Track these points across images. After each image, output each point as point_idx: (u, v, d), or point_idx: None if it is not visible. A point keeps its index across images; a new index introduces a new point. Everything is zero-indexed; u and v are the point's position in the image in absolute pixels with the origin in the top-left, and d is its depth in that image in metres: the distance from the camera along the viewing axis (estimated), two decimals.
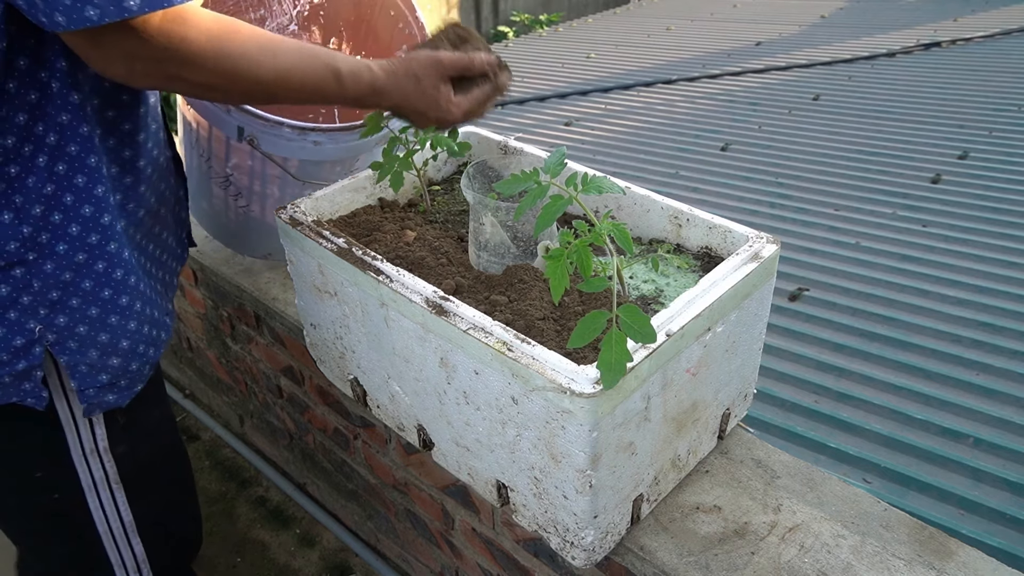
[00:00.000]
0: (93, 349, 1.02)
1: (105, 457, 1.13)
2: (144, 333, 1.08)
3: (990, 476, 1.52)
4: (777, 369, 1.86)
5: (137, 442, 1.17)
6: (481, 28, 9.29)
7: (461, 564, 1.53)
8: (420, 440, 1.14)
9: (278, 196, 1.50)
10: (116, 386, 1.07)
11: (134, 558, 1.25)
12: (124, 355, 1.06)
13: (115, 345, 1.04)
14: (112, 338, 1.03)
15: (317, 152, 1.36)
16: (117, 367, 1.05)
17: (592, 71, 4.61)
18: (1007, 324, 1.92)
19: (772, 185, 2.82)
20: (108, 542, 1.21)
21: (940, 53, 4.26)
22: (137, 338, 1.06)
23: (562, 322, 0.97)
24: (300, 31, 1.68)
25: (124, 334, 1.04)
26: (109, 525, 1.19)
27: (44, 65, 0.90)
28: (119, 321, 1.03)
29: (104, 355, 1.03)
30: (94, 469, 1.13)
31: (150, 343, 1.10)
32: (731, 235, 1.09)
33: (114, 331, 1.03)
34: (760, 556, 1.01)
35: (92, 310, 1.00)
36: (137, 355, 1.08)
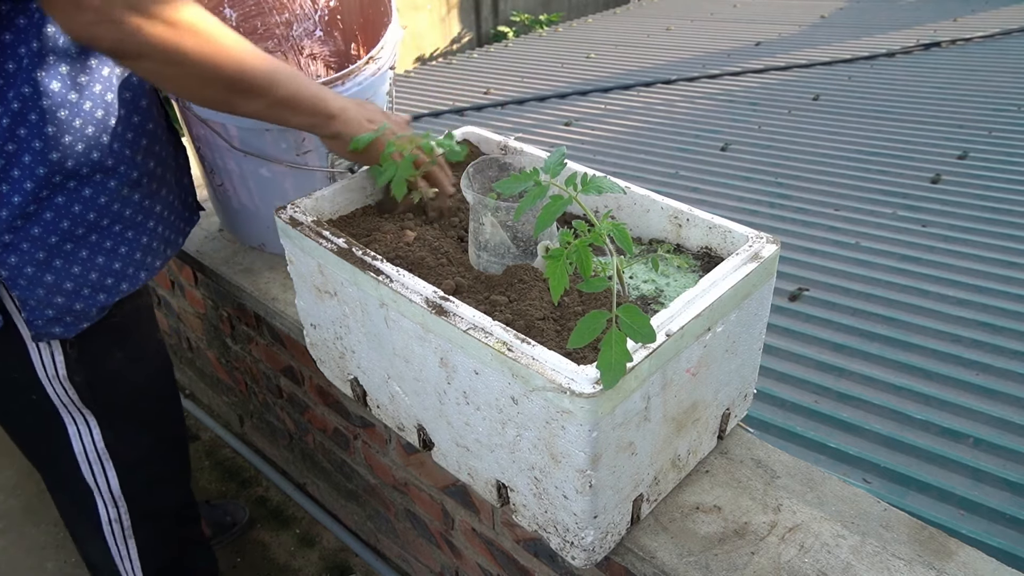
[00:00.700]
0: (40, 288, 1.12)
1: (66, 384, 1.23)
2: (91, 279, 1.17)
3: (990, 476, 1.52)
4: (777, 369, 1.86)
5: (97, 376, 1.26)
6: (481, 28, 9.29)
7: (461, 564, 1.53)
8: (420, 440, 1.14)
9: (239, 172, 1.48)
10: (62, 321, 1.17)
11: (110, 490, 1.35)
12: (67, 295, 1.15)
13: (59, 286, 1.14)
14: (56, 280, 1.13)
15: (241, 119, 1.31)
16: (61, 305, 1.15)
17: (592, 71, 4.61)
18: (1007, 324, 1.92)
19: (772, 185, 2.82)
20: (84, 463, 1.32)
21: (940, 53, 4.26)
22: (81, 282, 1.16)
23: (562, 322, 0.97)
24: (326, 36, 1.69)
25: (68, 277, 1.14)
26: (83, 444, 1.30)
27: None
28: (63, 265, 1.13)
29: (49, 294, 1.13)
30: (59, 392, 1.23)
31: (98, 289, 1.18)
32: (731, 235, 1.09)
33: (58, 273, 1.13)
34: (760, 556, 1.01)
35: (39, 254, 1.10)
36: (81, 297, 1.17)
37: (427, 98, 4.36)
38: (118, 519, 1.39)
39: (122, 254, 1.20)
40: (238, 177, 1.49)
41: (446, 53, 8.87)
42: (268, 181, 1.47)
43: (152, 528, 1.45)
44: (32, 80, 1.01)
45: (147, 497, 1.42)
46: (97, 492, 1.35)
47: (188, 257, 1.77)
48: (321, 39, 1.69)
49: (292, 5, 1.64)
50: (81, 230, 1.13)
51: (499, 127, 3.62)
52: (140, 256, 1.23)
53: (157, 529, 1.47)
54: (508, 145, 1.34)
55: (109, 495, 1.36)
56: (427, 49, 8.75)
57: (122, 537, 1.41)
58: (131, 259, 1.22)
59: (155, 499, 1.45)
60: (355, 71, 1.36)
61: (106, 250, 1.18)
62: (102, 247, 1.17)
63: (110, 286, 1.20)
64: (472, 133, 1.38)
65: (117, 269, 1.20)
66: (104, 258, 1.18)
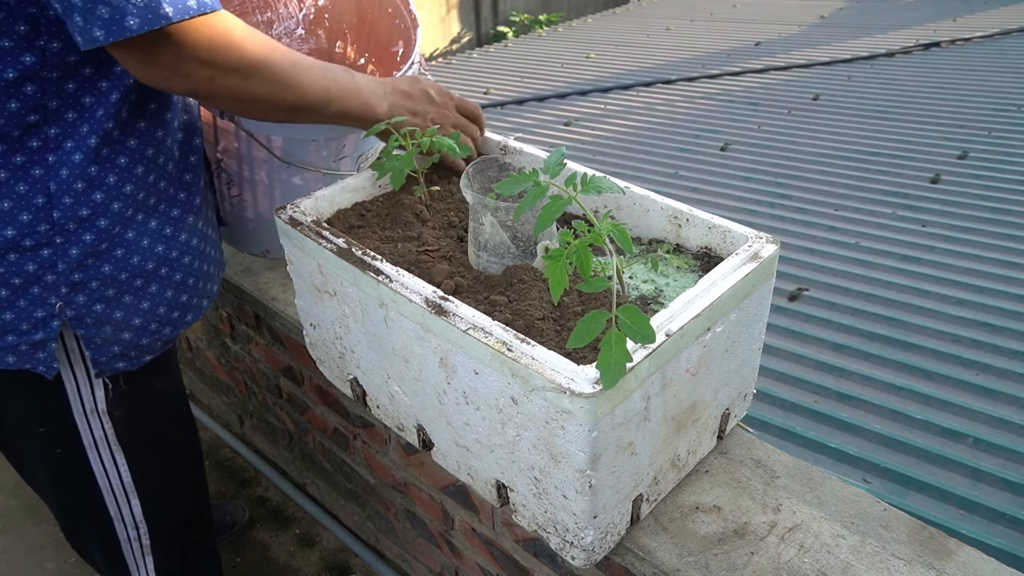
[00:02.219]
0: (108, 325, 1.10)
1: (104, 419, 1.21)
2: (158, 314, 1.16)
3: (990, 476, 1.52)
4: (777, 369, 1.86)
5: (135, 408, 1.25)
6: (481, 28, 9.29)
7: (461, 564, 1.53)
8: (420, 440, 1.14)
9: (267, 182, 1.48)
10: (127, 356, 1.16)
11: (132, 516, 1.34)
12: (135, 331, 1.14)
13: (127, 323, 1.13)
14: (126, 316, 1.12)
15: (298, 130, 1.33)
16: (128, 341, 1.14)
17: (591, 71, 4.61)
18: (1007, 324, 1.93)
19: (772, 185, 2.83)
20: (108, 497, 1.29)
21: (939, 53, 4.26)
22: (149, 317, 1.15)
23: (562, 322, 0.97)
24: (307, 34, 1.68)
25: (137, 313, 1.13)
26: (109, 481, 1.28)
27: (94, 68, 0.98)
28: (133, 301, 1.12)
29: (117, 331, 1.12)
30: (94, 428, 1.21)
31: (164, 323, 1.18)
32: (731, 235, 1.08)
33: (127, 310, 1.12)
34: (760, 556, 1.01)
35: (109, 291, 1.09)
36: (148, 332, 1.16)
37: None
38: (137, 539, 1.37)
39: (189, 286, 1.20)
40: (264, 187, 1.50)
41: (446, 53, 8.87)
42: (298, 189, 1.48)
43: (171, 543, 1.44)
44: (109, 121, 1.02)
45: (168, 517, 1.41)
46: (119, 519, 1.33)
47: None
48: (301, 37, 1.69)
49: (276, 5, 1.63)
50: (152, 264, 1.12)
51: (499, 127, 3.63)
52: (202, 284, 1.23)
53: (175, 544, 1.46)
54: (508, 145, 1.34)
55: (131, 520, 1.34)
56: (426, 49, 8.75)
57: (140, 554, 1.39)
58: (196, 289, 1.21)
59: (175, 517, 1.44)
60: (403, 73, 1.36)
61: (176, 283, 1.17)
62: (172, 280, 1.16)
63: (176, 319, 1.19)
64: None
65: (184, 302, 1.20)
66: (173, 291, 1.17)
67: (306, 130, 1.33)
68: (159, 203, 1.13)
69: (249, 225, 1.63)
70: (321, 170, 1.43)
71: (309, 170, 1.43)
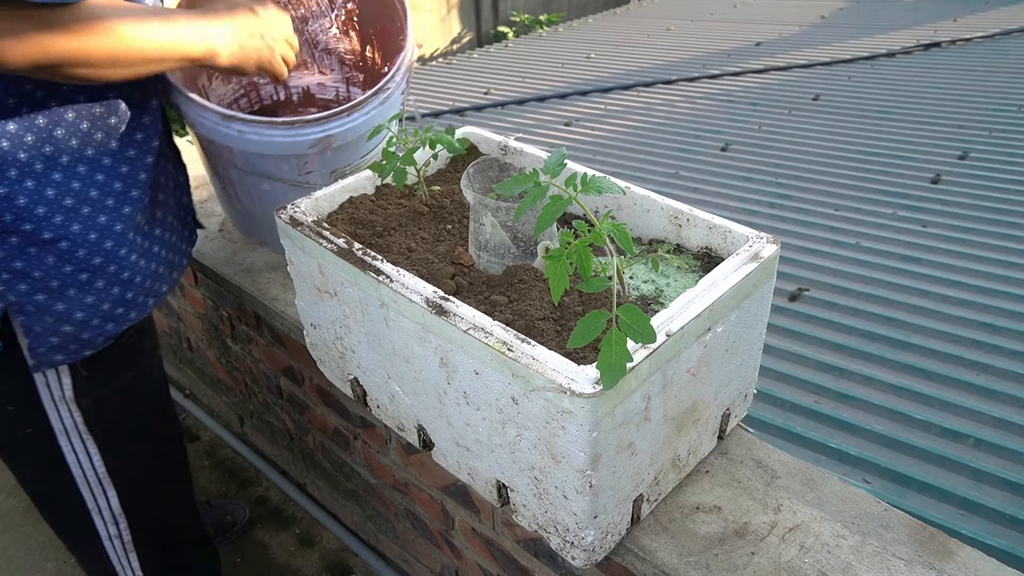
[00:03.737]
0: (48, 315, 1.11)
1: (72, 407, 1.22)
2: (102, 309, 1.16)
3: (990, 476, 1.52)
4: (777, 369, 1.86)
5: (104, 398, 1.25)
6: (481, 28, 9.29)
7: (461, 564, 1.53)
8: (420, 440, 1.14)
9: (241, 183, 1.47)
10: (65, 348, 1.15)
11: (110, 508, 1.34)
12: (77, 325, 1.14)
13: (70, 316, 1.13)
14: (68, 309, 1.12)
15: (244, 142, 1.32)
16: (68, 334, 1.14)
17: (592, 71, 4.61)
18: (1007, 324, 1.93)
19: (772, 185, 2.83)
20: (84, 487, 1.30)
21: (940, 53, 4.26)
22: (92, 312, 1.15)
23: (562, 322, 0.97)
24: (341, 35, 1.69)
25: (80, 307, 1.13)
26: (83, 471, 1.28)
27: None
28: (77, 295, 1.12)
29: (58, 322, 1.12)
30: (63, 416, 1.22)
31: (107, 319, 1.17)
32: (731, 235, 1.08)
33: (71, 303, 1.12)
34: (760, 556, 1.01)
35: (53, 283, 1.09)
36: (90, 327, 1.16)
37: (427, 98, 4.36)
38: (118, 535, 1.38)
39: (136, 284, 1.19)
40: (240, 186, 1.49)
41: (446, 53, 8.87)
42: (267, 194, 1.47)
43: (154, 540, 1.44)
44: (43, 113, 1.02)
45: (148, 512, 1.41)
46: (96, 512, 1.34)
47: None
48: (337, 36, 1.70)
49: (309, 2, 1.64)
50: (99, 260, 1.12)
51: (499, 127, 3.63)
52: (151, 284, 1.23)
53: (159, 541, 1.46)
54: (508, 145, 1.34)
55: (109, 513, 1.35)
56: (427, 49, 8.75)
57: (123, 551, 1.40)
58: (143, 288, 1.21)
59: (156, 513, 1.44)
60: (362, 103, 1.33)
61: (123, 281, 1.17)
62: (119, 278, 1.16)
63: (120, 316, 1.19)
64: (472, 133, 1.38)
65: (129, 299, 1.19)
66: (119, 288, 1.17)
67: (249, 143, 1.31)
68: (106, 198, 1.12)
69: (240, 216, 1.63)
70: (286, 182, 1.42)
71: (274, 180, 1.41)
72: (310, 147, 1.32)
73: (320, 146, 1.32)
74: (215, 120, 1.30)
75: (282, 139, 1.31)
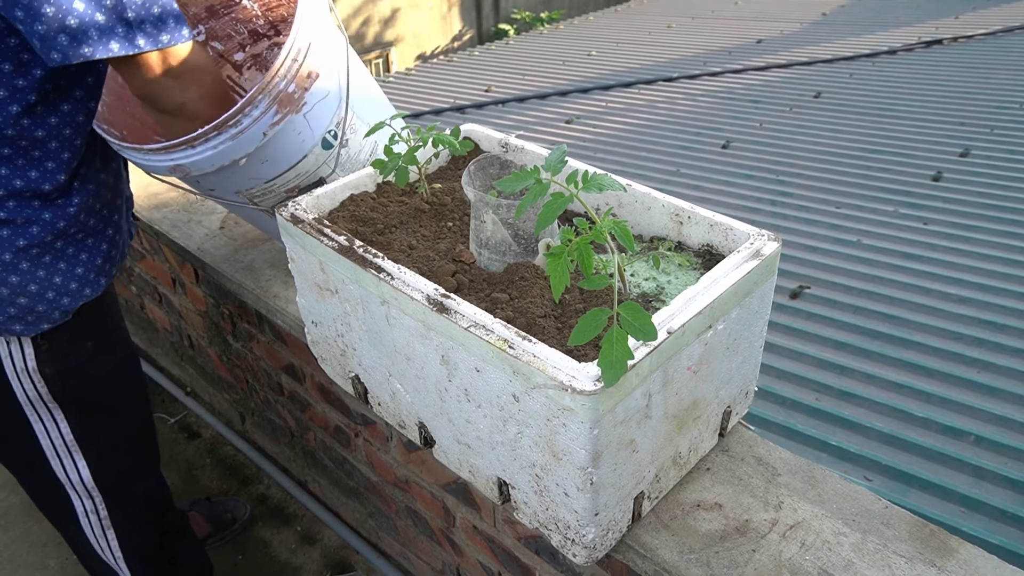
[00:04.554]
0: (4, 287, 1.15)
1: (36, 377, 1.25)
2: (55, 283, 1.20)
3: (991, 474, 1.52)
4: (778, 367, 1.86)
5: (67, 369, 1.28)
6: (482, 26, 9.28)
7: (462, 562, 1.53)
8: (421, 438, 1.14)
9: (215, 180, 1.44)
10: (23, 320, 1.19)
11: (81, 481, 1.37)
12: (31, 297, 1.18)
13: (23, 288, 1.17)
14: (22, 281, 1.16)
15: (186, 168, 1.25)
16: (24, 306, 1.18)
17: (593, 69, 4.60)
18: (1009, 322, 1.92)
19: (773, 183, 2.82)
20: (53, 457, 1.33)
21: (942, 50, 4.26)
22: (45, 286, 1.19)
23: (563, 320, 0.97)
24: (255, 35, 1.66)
25: (33, 280, 1.17)
26: (51, 440, 1.32)
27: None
28: (29, 268, 1.16)
29: (13, 294, 1.16)
30: (26, 387, 1.25)
31: (63, 293, 1.21)
32: (732, 233, 1.08)
33: (24, 276, 1.16)
34: (761, 553, 1.01)
35: (5, 255, 1.13)
36: (45, 300, 1.20)
37: (428, 96, 4.36)
38: (94, 510, 1.40)
39: (83, 260, 1.23)
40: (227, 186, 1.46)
41: (447, 51, 8.86)
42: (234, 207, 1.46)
43: (129, 516, 1.46)
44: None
45: (120, 486, 1.43)
46: (69, 485, 1.36)
47: (189, 255, 1.77)
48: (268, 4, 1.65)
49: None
50: (49, 236, 1.17)
51: (500, 125, 3.62)
52: (101, 263, 1.27)
53: (134, 516, 1.48)
54: (509, 143, 1.33)
55: (82, 487, 1.37)
56: (428, 47, 8.75)
57: (100, 528, 1.42)
58: (93, 265, 1.25)
59: (128, 487, 1.47)
60: (202, 136, 1.19)
61: (69, 257, 1.21)
62: (66, 254, 1.20)
63: (74, 291, 1.23)
64: (473, 131, 1.38)
65: (80, 275, 1.23)
66: (66, 264, 1.21)
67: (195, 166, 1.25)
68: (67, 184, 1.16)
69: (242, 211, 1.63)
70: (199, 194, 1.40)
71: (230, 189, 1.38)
72: (170, 172, 1.28)
73: (179, 172, 1.27)
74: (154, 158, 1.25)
75: (144, 163, 1.28)
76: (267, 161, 1.28)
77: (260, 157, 1.26)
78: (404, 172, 1.17)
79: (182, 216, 1.88)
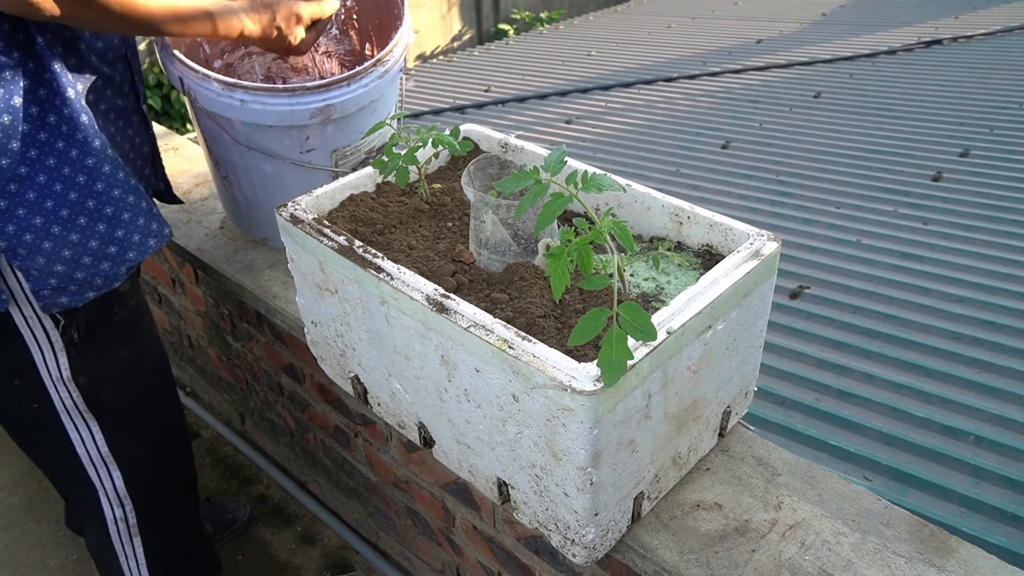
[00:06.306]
0: (39, 256, 1.11)
1: (71, 386, 1.23)
2: (90, 247, 1.15)
3: (991, 474, 1.52)
4: (778, 367, 1.86)
5: (101, 377, 1.26)
6: (482, 26, 9.28)
7: (462, 562, 1.54)
8: (421, 438, 1.14)
9: (242, 166, 1.48)
10: (66, 290, 1.16)
11: (115, 490, 1.36)
12: (67, 263, 1.14)
13: (58, 253, 1.12)
14: (55, 246, 1.12)
15: (246, 112, 1.34)
16: (62, 273, 1.14)
17: (593, 69, 4.60)
18: (1008, 322, 1.92)
19: (773, 183, 2.82)
20: (88, 465, 1.32)
21: (941, 51, 4.26)
22: (80, 250, 1.14)
23: (563, 320, 0.97)
24: (341, 35, 1.70)
25: (66, 244, 1.13)
26: (87, 449, 1.30)
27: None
28: (61, 232, 1.12)
29: (50, 262, 1.12)
30: (62, 395, 1.23)
31: (99, 257, 1.17)
32: (732, 233, 1.08)
33: (56, 240, 1.12)
34: (761, 553, 1.01)
35: (36, 219, 1.09)
36: (82, 266, 1.16)
37: (428, 96, 4.36)
38: (124, 518, 1.39)
39: (124, 220, 1.18)
40: (242, 171, 1.50)
41: (447, 51, 8.86)
42: (271, 177, 1.48)
43: (158, 525, 1.45)
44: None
45: (153, 495, 1.42)
46: (102, 491, 1.35)
47: (189, 255, 1.77)
48: (336, 38, 1.71)
49: None
50: (74, 195, 1.12)
51: (500, 125, 3.62)
52: (144, 222, 1.21)
53: (163, 525, 1.48)
54: (509, 143, 1.33)
55: (115, 494, 1.36)
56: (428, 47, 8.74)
57: (127, 535, 1.41)
58: (135, 225, 1.19)
59: (160, 495, 1.46)
60: (361, 73, 1.37)
61: (107, 217, 1.16)
62: (102, 214, 1.15)
63: (114, 255, 1.18)
64: (473, 131, 1.38)
65: (120, 237, 1.18)
66: (105, 225, 1.16)
67: (250, 112, 1.34)
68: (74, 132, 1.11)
69: (240, 208, 1.64)
70: (287, 160, 1.43)
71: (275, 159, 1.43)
72: (311, 117, 1.34)
73: (321, 116, 1.34)
74: (217, 91, 1.32)
75: (283, 108, 1.33)
76: (375, 113, 1.44)
77: (372, 108, 1.43)
78: (404, 172, 1.17)
79: (182, 216, 1.88)
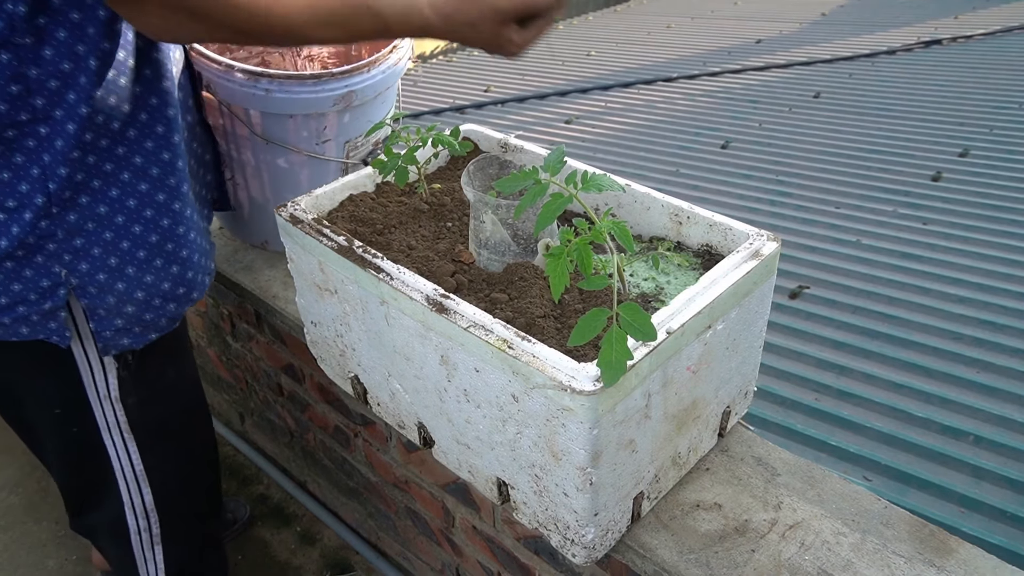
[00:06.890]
0: (110, 295, 1.10)
1: (117, 406, 1.22)
2: (162, 289, 1.15)
3: (991, 474, 1.52)
4: (777, 367, 1.86)
5: (147, 397, 1.26)
6: None
7: (462, 562, 1.53)
8: (421, 438, 1.14)
9: (253, 163, 1.48)
10: (130, 331, 1.15)
11: (143, 505, 1.35)
12: (138, 305, 1.14)
13: (130, 295, 1.12)
14: (128, 288, 1.11)
15: (269, 103, 1.34)
16: (131, 315, 1.14)
17: (592, 69, 4.60)
18: (1008, 322, 1.92)
19: (772, 183, 2.82)
20: (122, 483, 1.31)
21: (941, 51, 4.26)
22: (152, 291, 1.15)
23: (563, 320, 0.97)
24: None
25: (140, 286, 1.13)
26: (122, 467, 1.30)
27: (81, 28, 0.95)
28: (136, 273, 1.11)
29: (120, 303, 1.12)
30: (107, 414, 1.23)
31: (168, 298, 1.17)
32: (731, 233, 1.08)
33: (130, 281, 1.11)
34: (760, 553, 1.01)
35: (111, 260, 1.09)
36: (152, 307, 1.16)
37: (428, 96, 4.36)
38: (147, 528, 1.38)
39: (194, 262, 1.19)
40: (252, 168, 1.50)
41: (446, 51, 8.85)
42: (284, 172, 1.48)
43: (179, 532, 1.45)
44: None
45: (178, 507, 1.42)
46: (129, 507, 1.35)
47: None
48: None
49: None
50: (155, 237, 1.12)
51: (499, 125, 3.62)
52: (203, 261, 1.22)
53: (185, 534, 1.47)
54: (508, 143, 1.34)
55: (142, 509, 1.36)
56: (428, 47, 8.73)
57: (149, 544, 1.40)
58: (200, 265, 1.21)
59: (185, 507, 1.46)
60: (380, 59, 1.39)
61: (182, 259, 1.16)
62: (178, 256, 1.15)
63: (181, 296, 1.19)
64: (472, 131, 1.38)
65: (189, 278, 1.19)
66: (178, 267, 1.16)
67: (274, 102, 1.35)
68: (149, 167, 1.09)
69: (244, 211, 1.63)
70: (303, 152, 1.44)
71: (292, 151, 1.43)
72: (332, 104, 1.37)
73: (343, 103, 1.37)
74: (241, 81, 1.33)
75: (308, 95, 1.35)
76: (385, 102, 1.47)
77: (384, 97, 1.46)
78: (403, 172, 1.17)
79: None
